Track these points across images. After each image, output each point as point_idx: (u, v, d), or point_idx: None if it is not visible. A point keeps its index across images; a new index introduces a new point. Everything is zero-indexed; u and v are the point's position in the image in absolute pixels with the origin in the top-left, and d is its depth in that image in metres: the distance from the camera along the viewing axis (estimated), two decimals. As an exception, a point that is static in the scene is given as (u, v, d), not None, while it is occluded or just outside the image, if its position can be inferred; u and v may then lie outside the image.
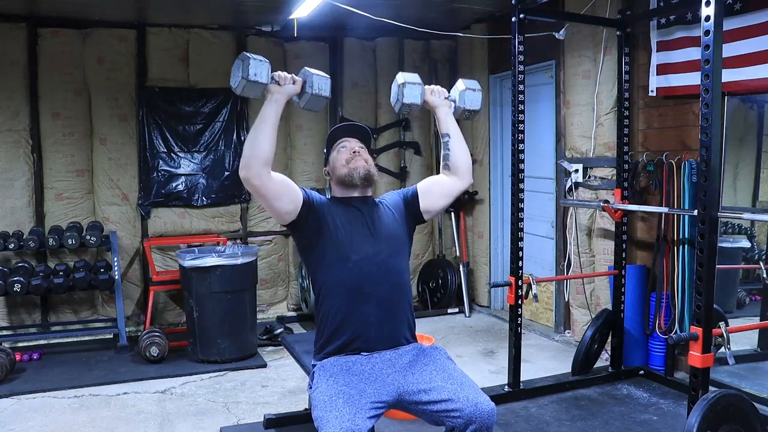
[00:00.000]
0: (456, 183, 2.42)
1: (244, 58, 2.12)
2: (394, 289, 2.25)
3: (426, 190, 2.41)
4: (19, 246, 4.65)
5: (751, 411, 2.59)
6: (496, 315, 5.62)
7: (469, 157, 2.45)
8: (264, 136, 2.10)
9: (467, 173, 2.43)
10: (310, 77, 2.20)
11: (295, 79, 2.21)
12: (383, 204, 2.39)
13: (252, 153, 2.09)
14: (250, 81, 2.10)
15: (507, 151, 5.09)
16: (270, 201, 2.17)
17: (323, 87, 2.21)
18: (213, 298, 4.36)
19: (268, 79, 2.14)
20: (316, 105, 2.26)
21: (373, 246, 2.24)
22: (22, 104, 4.96)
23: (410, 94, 2.35)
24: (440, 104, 2.44)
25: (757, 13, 3.28)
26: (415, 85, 2.36)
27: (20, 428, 3.40)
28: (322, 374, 2.15)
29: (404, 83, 2.35)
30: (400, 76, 2.38)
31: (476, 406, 2.02)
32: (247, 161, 2.09)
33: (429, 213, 2.41)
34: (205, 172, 5.44)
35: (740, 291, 3.94)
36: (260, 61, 2.12)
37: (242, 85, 2.12)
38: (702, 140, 2.53)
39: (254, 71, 2.10)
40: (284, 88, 2.17)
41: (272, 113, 2.14)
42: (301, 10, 4.45)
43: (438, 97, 2.44)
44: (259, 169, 2.09)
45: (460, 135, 2.44)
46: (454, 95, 2.48)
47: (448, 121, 2.44)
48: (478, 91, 2.49)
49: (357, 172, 2.28)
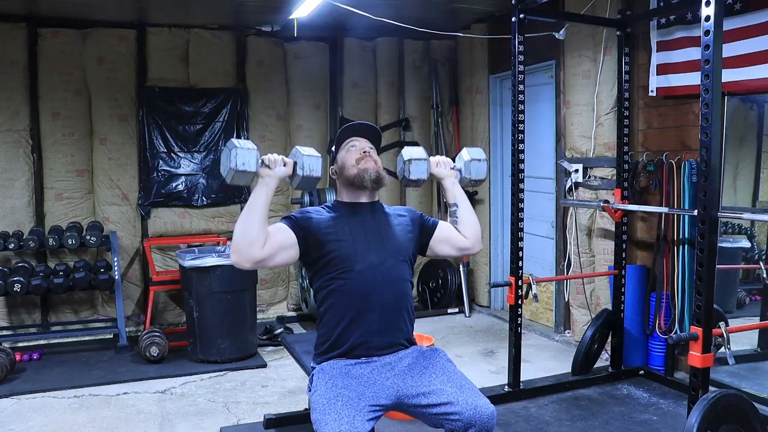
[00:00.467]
0: (467, 245, 2.43)
1: (231, 147, 2.09)
2: (397, 297, 2.24)
3: (444, 234, 2.41)
4: (19, 246, 4.65)
5: (751, 411, 2.59)
6: (496, 315, 5.62)
7: (478, 225, 2.44)
8: (254, 223, 2.08)
9: (478, 241, 2.43)
10: (301, 159, 2.19)
11: (286, 161, 2.19)
12: (394, 215, 2.38)
13: (243, 239, 2.07)
14: (238, 171, 2.09)
15: (507, 151, 5.09)
16: (271, 265, 2.17)
17: (314, 168, 2.20)
18: (213, 298, 4.36)
19: (257, 166, 2.12)
20: (309, 185, 2.25)
21: (378, 255, 2.22)
22: (22, 104, 4.97)
23: (416, 170, 2.36)
24: (446, 176, 2.44)
25: (757, 13, 3.28)
26: (420, 161, 2.37)
27: (20, 428, 3.41)
28: (321, 377, 2.14)
29: (410, 160, 2.35)
30: (405, 152, 2.38)
31: (476, 409, 2.01)
32: (238, 247, 2.08)
33: (431, 252, 2.41)
34: (205, 172, 5.44)
35: (740, 291, 3.94)
36: (248, 150, 2.10)
37: (231, 175, 2.11)
38: (702, 140, 2.53)
39: (242, 161, 2.08)
40: (275, 171, 2.16)
41: (263, 197, 2.12)
42: (301, 10, 4.45)
43: (444, 169, 2.44)
44: (250, 254, 2.07)
45: (468, 204, 2.44)
46: (459, 165, 2.48)
47: (455, 191, 2.43)
48: (483, 161, 2.49)
49: (368, 174, 2.25)
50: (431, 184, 6.08)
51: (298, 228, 2.19)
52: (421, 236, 2.38)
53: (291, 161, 2.20)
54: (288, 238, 2.17)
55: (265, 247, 2.09)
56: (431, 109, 6.03)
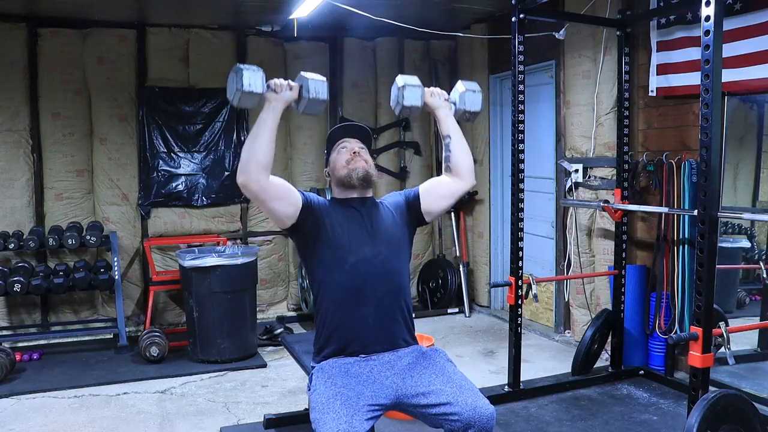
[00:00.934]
0: (458, 184, 2.41)
1: (237, 70, 2.10)
2: (392, 291, 2.24)
3: (428, 192, 2.40)
4: (19, 246, 4.65)
5: (751, 411, 2.59)
6: (496, 315, 5.62)
7: (470, 157, 2.44)
8: (262, 141, 2.09)
9: (469, 174, 2.42)
10: (306, 82, 2.19)
11: (292, 84, 2.19)
12: (384, 205, 2.39)
13: (250, 157, 2.08)
14: (245, 92, 2.09)
15: (507, 151, 5.09)
16: (269, 205, 2.16)
17: (320, 90, 2.20)
18: (213, 298, 4.36)
19: (264, 89, 2.12)
20: (315, 109, 2.25)
21: (371, 248, 2.23)
22: (22, 104, 4.96)
23: (410, 96, 2.34)
24: (440, 106, 2.43)
25: (757, 13, 3.28)
26: (414, 87, 2.35)
27: (20, 428, 3.41)
28: (320, 376, 2.15)
29: (404, 86, 2.34)
30: (399, 79, 2.37)
31: (475, 410, 2.01)
32: (245, 166, 2.08)
33: (430, 214, 2.40)
34: (205, 172, 5.44)
35: (740, 291, 3.94)
36: (254, 71, 2.11)
37: (238, 96, 2.11)
38: (702, 140, 2.53)
39: (248, 82, 2.08)
40: (281, 95, 2.16)
41: (270, 120, 2.13)
42: (301, 10, 4.45)
43: (438, 99, 2.43)
44: (258, 174, 2.07)
45: (461, 136, 2.43)
46: (454, 97, 2.47)
47: (449, 122, 2.43)
48: (478, 93, 2.48)
49: (356, 173, 2.27)
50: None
51: (305, 198, 2.23)
52: (410, 211, 2.38)
53: (297, 85, 2.21)
54: (294, 195, 2.20)
55: (273, 178, 2.13)
56: (431, 109, 6.03)
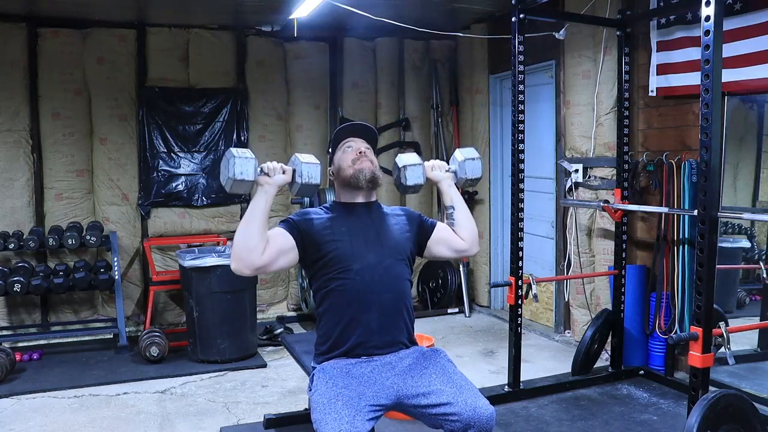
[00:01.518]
0: (464, 247, 2.43)
1: (229, 157, 2.10)
2: (395, 296, 2.24)
3: (441, 233, 2.41)
4: (19, 246, 4.65)
5: (751, 411, 2.59)
6: (496, 315, 5.62)
7: (474, 227, 2.45)
8: (254, 229, 2.09)
9: (474, 243, 2.44)
10: (300, 167, 2.19)
11: (285, 168, 2.20)
12: (392, 214, 2.39)
13: (243, 246, 2.08)
14: (236, 180, 2.10)
15: (507, 151, 5.09)
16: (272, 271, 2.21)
17: (313, 175, 2.20)
18: (213, 298, 4.36)
19: (256, 174, 2.13)
20: (307, 192, 2.26)
21: (376, 254, 2.23)
22: (22, 104, 4.97)
23: (412, 176, 2.37)
24: (442, 178, 2.45)
25: (757, 13, 3.28)
26: (415, 166, 2.37)
27: (20, 428, 3.41)
28: (321, 377, 2.14)
29: (405, 166, 2.36)
30: (399, 159, 2.39)
31: (475, 410, 2.01)
32: (239, 254, 2.08)
33: (428, 253, 2.42)
34: (205, 172, 5.44)
35: (740, 291, 3.94)
36: (245, 159, 2.10)
37: (230, 184, 2.12)
38: (702, 140, 2.53)
39: (240, 170, 2.09)
40: (274, 179, 2.16)
41: (262, 205, 2.12)
42: (301, 10, 4.45)
43: (439, 172, 2.45)
44: (251, 260, 2.08)
45: (464, 206, 2.45)
46: (454, 167, 2.49)
47: (452, 193, 2.44)
48: (477, 160, 2.50)
49: (363, 174, 2.26)
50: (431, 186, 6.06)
51: (297, 231, 2.20)
52: (419, 236, 2.39)
53: (290, 169, 2.21)
54: (287, 243, 2.17)
55: (265, 253, 2.10)
56: (431, 109, 6.03)
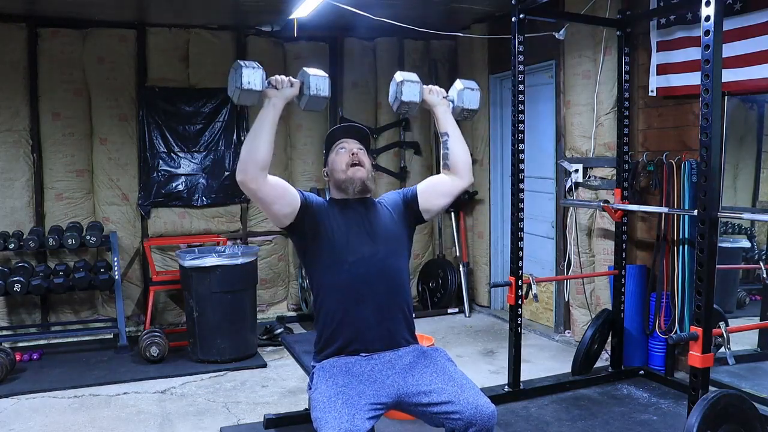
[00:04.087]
0: (456, 182, 2.41)
1: (237, 67, 2.10)
2: (391, 290, 2.25)
3: (426, 190, 2.40)
4: (19, 246, 4.65)
5: (751, 411, 2.59)
6: (496, 315, 5.62)
7: (468, 155, 2.44)
8: (261, 140, 2.09)
9: (467, 172, 2.42)
10: (308, 78, 2.18)
11: (293, 81, 2.19)
12: (382, 204, 2.39)
13: (249, 157, 2.08)
14: (244, 90, 2.09)
15: (507, 151, 5.08)
16: (267, 204, 2.16)
17: (321, 87, 2.19)
18: (213, 298, 4.35)
19: (263, 85, 2.12)
20: (317, 105, 2.24)
21: (370, 247, 2.23)
22: (22, 104, 4.96)
23: (408, 92, 2.35)
24: (438, 103, 2.43)
25: (757, 13, 3.28)
26: (413, 83, 2.36)
27: (20, 428, 3.41)
28: (321, 375, 2.15)
29: (402, 81, 2.35)
30: (398, 75, 2.38)
31: (477, 408, 2.02)
32: (244, 165, 2.08)
33: (429, 212, 2.40)
34: (205, 172, 5.44)
35: (740, 291, 3.94)
36: (253, 69, 2.10)
37: (237, 94, 2.11)
38: (702, 140, 2.53)
39: (247, 79, 2.08)
40: (282, 91, 2.16)
41: (270, 117, 2.13)
42: (301, 10, 4.45)
43: (436, 96, 2.43)
44: (256, 173, 2.08)
45: (459, 134, 2.43)
46: (452, 95, 2.48)
47: (447, 119, 2.43)
48: (476, 91, 2.49)
49: (353, 186, 2.28)
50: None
51: (304, 198, 2.24)
52: (408, 209, 2.39)
53: (298, 81, 2.20)
54: (292, 195, 2.20)
55: (271, 177, 2.13)
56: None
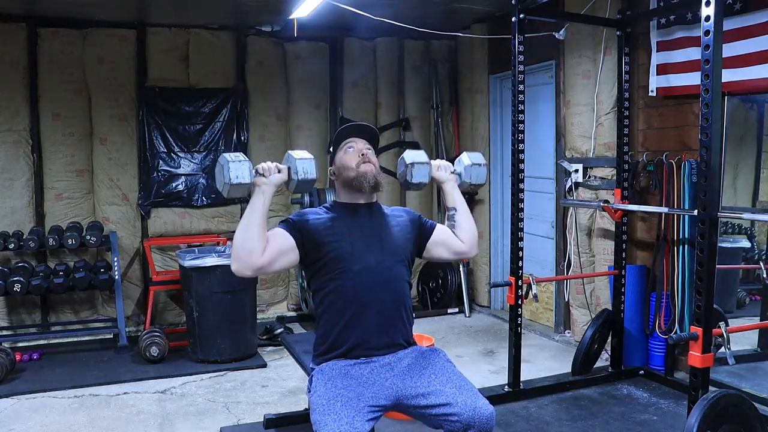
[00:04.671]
0: (463, 249, 2.44)
1: (223, 163, 2.11)
2: (395, 297, 2.24)
3: (440, 235, 2.42)
4: (19, 246, 4.65)
5: (751, 411, 2.59)
6: (496, 315, 5.62)
7: (475, 230, 2.46)
8: (253, 232, 2.08)
9: (474, 246, 2.45)
10: (294, 163, 2.19)
11: (280, 167, 2.20)
12: (393, 215, 2.39)
13: (243, 248, 2.07)
14: (233, 185, 2.10)
15: (507, 151, 5.08)
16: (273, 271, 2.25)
17: (308, 170, 2.20)
18: (213, 298, 4.35)
19: (251, 177, 2.13)
20: (305, 188, 2.26)
21: (375, 255, 2.23)
22: (22, 104, 4.97)
23: (418, 174, 2.38)
24: (447, 179, 2.46)
25: (757, 13, 3.28)
26: (422, 164, 2.39)
27: (20, 428, 3.41)
28: (320, 378, 2.15)
29: (413, 164, 2.37)
30: (407, 156, 2.40)
31: (475, 410, 2.01)
32: (239, 255, 2.08)
33: (427, 254, 2.43)
34: (205, 172, 5.44)
35: (740, 291, 3.94)
36: (240, 162, 2.11)
37: (227, 189, 2.12)
38: (702, 140, 2.53)
39: (235, 174, 2.09)
40: (270, 179, 2.16)
41: (260, 205, 2.12)
42: (301, 10, 4.45)
43: (444, 173, 2.46)
44: (252, 261, 2.08)
45: (466, 209, 2.45)
46: (459, 169, 2.50)
47: (455, 195, 2.45)
48: (483, 166, 2.52)
49: (366, 179, 2.27)
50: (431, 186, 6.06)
51: (297, 231, 2.19)
52: (418, 238, 2.39)
53: (285, 167, 2.21)
54: (287, 243, 2.17)
55: (265, 254, 2.10)
56: (431, 109, 6.03)
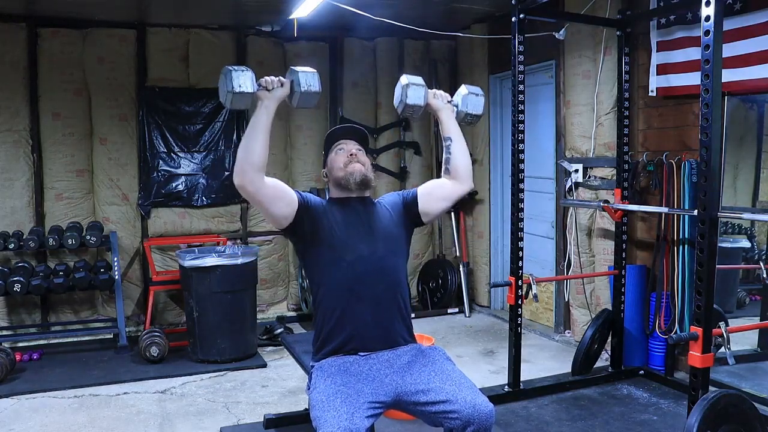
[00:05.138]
0: (456, 187, 2.42)
1: (226, 72, 2.12)
2: (389, 288, 2.26)
3: (426, 193, 2.42)
4: (19, 246, 4.65)
5: (751, 411, 2.59)
6: (496, 315, 5.62)
7: (470, 161, 2.46)
8: (257, 142, 2.11)
9: (468, 177, 2.44)
10: (297, 75, 2.19)
11: (283, 81, 2.20)
12: (381, 204, 2.40)
13: (245, 159, 2.10)
14: (236, 93, 2.10)
15: (507, 151, 5.08)
16: (266, 206, 2.18)
17: (311, 82, 2.20)
18: (213, 298, 4.35)
19: (254, 88, 2.13)
20: (309, 102, 2.26)
21: (368, 246, 2.25)
22: (22, 104, 4.96)
23: (414, 95, 2.37)
24: (443, 107, 2.45)
25: (757, 13, 3.28)
26: (418, 86, 2.38)
27: (20, 428, 3.41)
28: (320, 375, 2.15)
29: (408, 84, 2.37)
30: (404, 78, 2.40)
31: (474, 407, 2.02)
32: (241, 167, 2.10)
33: (428, 216, 2.42)
34: (205, 172, 5.44)
35: (740, 291, 3.94)
36: (243, 72, 2.12)
37: (229, 98, 2.12)
38: (702, 140, 2.53)
39: (238, 83, 2.10)
40: (273, 92, 2.17)
41: (263, 119, 2.15)
42: (301, 10, 4.45)
43: (441, 101, 2.46)
44: (253, 175, 2.09)
45: (461, 139, 2.45)
46: (456, 99, 2.50)
47: (450, 124, 2.44)
48: (480, 96, 2.51)
49: (353, 177, 2.29)
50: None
51: (302, 198, 2.25)
52: (408, 211, 2.40)
53: (288, 80, 2.22)
54: (290, 195, 2.22)
55: (268, 179, 2.15)
56: (431, 109, 6.02)
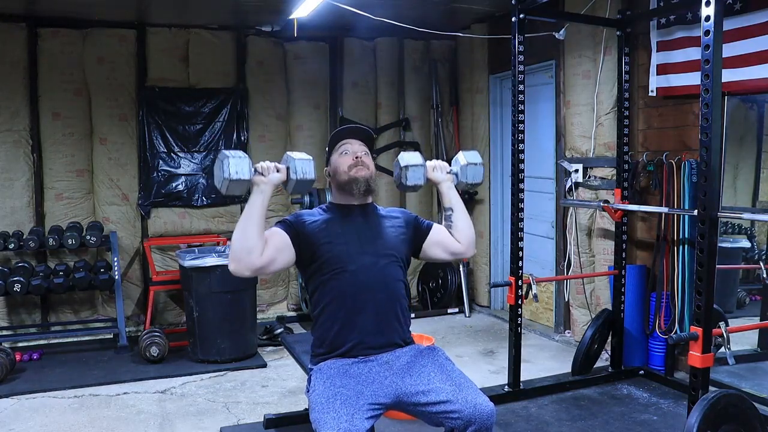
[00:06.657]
0: (460, 249, 2.43)
1: (223, 158, 2.11)
2: (390, 297, 2.25)
3: (437, 234, 2.42)
4: (19, 246, 4.65)
5: (751, 411, 2.59)
6: (496, 315, 5.62)
7: (472, 230, 2.45)
8: (252, 231, 2.09)
9: (471, 245, 2.44)
10: (293, 163, 2.19)
11: (279, 167, 2.20)
12: (386, 216, 2.39)
13: (242, 247, 2.07)
14: (232, 180, 2.10)
15: (507, 151, 5.08)
16: (271, 272, 2.20)
17: (307, 170, 2.20)
18: (213, 298, 4.35)
19: (251, 174, 2.13)
20: (303, 188, 2.25)
21: (371, 256, 2.24)
22: (22, 104, 4.96)
23: (413, 176, 2.37)
24: (443, 180, 2.46)
25: (757, 13, 3.28)
26: (417, 167, 2.38)
27: (20, 428, 3.41)
28: (319, 377, 2.15)
29: (407, 166, 2.36)
30: (402, 159, 2.39)
31: (475, 407, 2.02)
32: (238, 255, 2.08)
33: (424, 254, 2.42)
34: (205, 172, 5.44)
35: (740, 291, 3.94)
36: (240, 158, 2.11)
37: (225, 185, 2.12)
38: (702, 140, 2.53)
39: (235, 170, 2.09)
40: (269, 177, 2.16)
41: (259, 204, 2.13)
42: (301, 10, 4.45)
43: (440, 173, 2.46)
44: (251, 261, 2.08)
45: (463, 209, 2.45)
46: (455, 169, 2.49)
47: (451, 195, 2.45)
48: (479, 165, 2.51)
49: (357, 186, 2.27)
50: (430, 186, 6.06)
51: (293, 231, 2.21)
52: (414, 238, 2.39)
53: (284, 167, 2.21)
54: (283, 241, 2.18)
55: (264, 253, 2.11)
56: (431, 109, 6.03)
